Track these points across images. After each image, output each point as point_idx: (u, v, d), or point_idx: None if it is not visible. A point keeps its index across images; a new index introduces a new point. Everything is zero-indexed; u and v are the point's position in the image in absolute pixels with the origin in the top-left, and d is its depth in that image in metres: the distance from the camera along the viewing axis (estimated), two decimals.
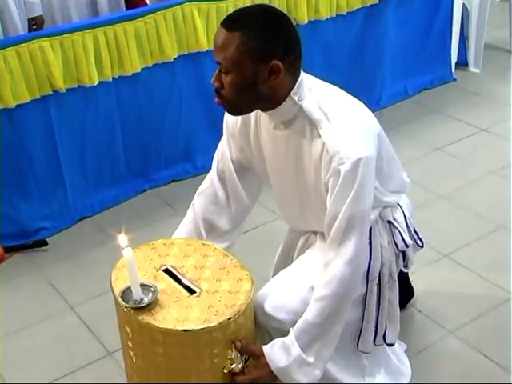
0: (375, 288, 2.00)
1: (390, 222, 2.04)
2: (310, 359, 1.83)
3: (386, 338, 2.09)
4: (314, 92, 1.81)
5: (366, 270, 1.96)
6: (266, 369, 1.83)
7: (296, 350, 1.81)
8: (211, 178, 2.14)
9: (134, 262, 1.79)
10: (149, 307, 1.78)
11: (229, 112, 1.87)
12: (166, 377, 1.84)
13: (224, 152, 2.10)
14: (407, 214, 2.10)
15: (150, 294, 1.81)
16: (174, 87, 3.24)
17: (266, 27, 1.71)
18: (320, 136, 1.77)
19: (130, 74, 3.06)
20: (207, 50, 3.18)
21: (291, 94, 1.78)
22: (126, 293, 1.81)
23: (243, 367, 1.82)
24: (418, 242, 2.14)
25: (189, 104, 3.31)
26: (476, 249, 2.83)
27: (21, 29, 3.31)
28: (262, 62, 1.71)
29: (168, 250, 2.00)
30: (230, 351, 1.81)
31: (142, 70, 3.09)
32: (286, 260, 2.23)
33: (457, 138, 3.64)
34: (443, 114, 3.87)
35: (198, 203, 2.14)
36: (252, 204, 2.18)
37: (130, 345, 1.87)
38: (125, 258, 1.78)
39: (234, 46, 1.69)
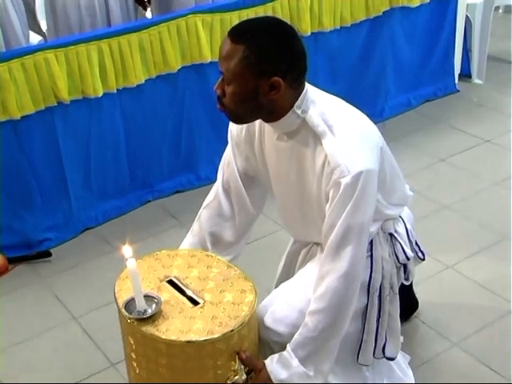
0: (376, 300, 1.99)
1: (391, 235, 2.04)
2: (310, 372, 1.82)
3: (386, 351, 2.07)
4: (317, 104, 1.81)
5: (367, 282, 1.96)
6: (268, 383, 1.83)
7: (295, 362, 1.81)
8: (216, 189, 2.14)
9: (137, 273, 1.79)
10: (152, 318, 1.78)
11: (230, 120, 1.89)
12: None
13: (230, 162, 2.10)
14: (409, 227, 2.09)
15: (154, 305, 1.81)
16: (177, 98, 3.25)
17: (270, 43, 1.71)
18: (323, 148, 1.77)
19: (134, 86, 3.07)
20: (211, 62, 3.19)
21: (294, 107, 1.78)
22: (130, 304, 1.81)
23: (246, 379, 1.82)
24: (420, 254, 2.14)
25: (192, 115, 3.32)
26: (480, 260, 2.83)
27: (23, 40, 3.31)
28: (263, 78, 1.71)
29: (172, 261, 2.00)
30: (233, 363, 1.80)
31: (145, 81, 3.10)
32: (287, 272, 2.23)
33: (460, 149, 3.64)
34: (447, 125, 3.87)
35: (204, 216, 2.14)
36: (257, 214, 2.18)
37: (134, 356, 1.87)
38: (128, 269, 1.78)
39: (236, 59, 1.70)
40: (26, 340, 2.57)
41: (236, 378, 1.81)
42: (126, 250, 1.79)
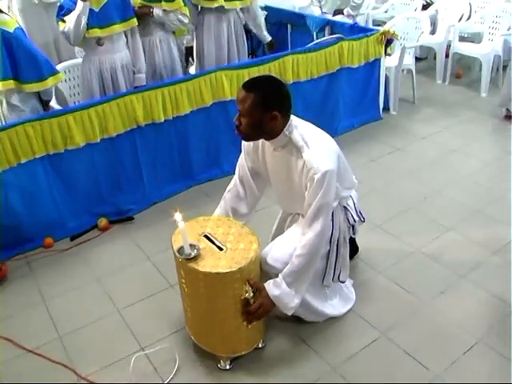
0: (335, 247, 1.97)
1: (345, 207, 2.01)
2: (293, 292, 1.81)
3: (340, 277, 2.06)
4: (298, 128, 1.79)
5: (330, 236, 1.93)
6: (267, 298, 1.81)
7: (284, 285, 1.80)
8: (235, 180, 2.12)
9: (185, 231, 1.76)
10: (194, 259, 1.76)
11: (243, 139, 1.88)
12: (206, 300, 1.81)
13: (243, 164, 2.08)
14: (355, 201, 2.08)
15: (195, 251, 1.79)
16: (209, 122, 3.18)
17: (270, 90, 1.70)
18: (302, 157, 1.76)
19: (183, 114, 3.02)
20: (230, 99, 3.12)
21: (284, 130, 1.77)
22: (181, 249, 1.79)
23: (253, 295, 1.80)
24: (362, 218, 2.12)
25: (219, 133, 3.25)
26: (396, 222, 2.78)
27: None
28: (266, 113, 1.70)
29: (206, 223, 1.97)
30: (245, 285, 1.78)
31: (190, 112, 3.04)
32: (279, 230, 2.20)
33: (383, 154, 3.58)
34: (375, 139, 3.81)
35: (227, 197, 2.12)
36: (261, 195, 2.15)
37: (183, 281, 1.84)
38: (180, 228, 1.76)
39: (249, 102, 1.69)
40: (116, 272, 2.54)
41: (247, 294, 1.79)
42: (178, 216, 1.76)
